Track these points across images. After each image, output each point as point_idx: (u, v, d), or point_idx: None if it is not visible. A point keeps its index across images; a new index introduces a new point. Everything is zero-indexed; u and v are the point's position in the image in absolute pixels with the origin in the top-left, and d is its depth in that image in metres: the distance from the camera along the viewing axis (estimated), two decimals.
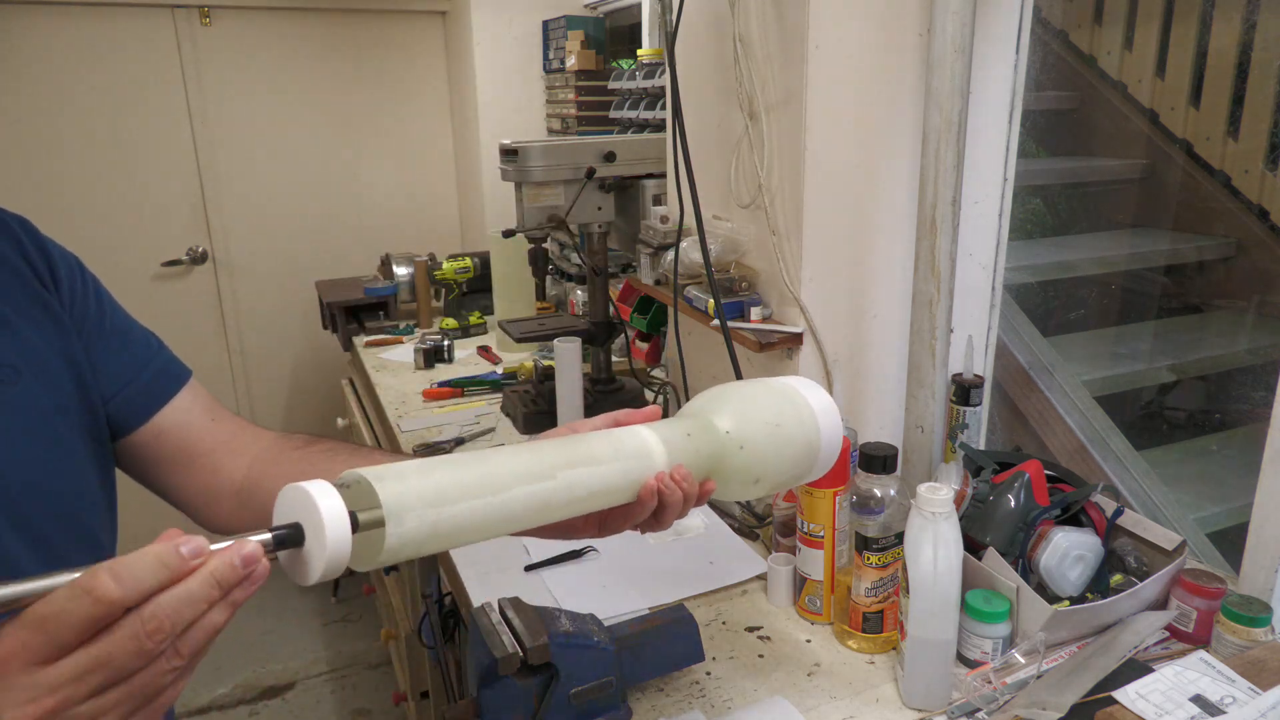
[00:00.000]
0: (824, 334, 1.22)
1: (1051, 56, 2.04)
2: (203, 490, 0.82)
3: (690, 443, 0.68)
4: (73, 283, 0.76)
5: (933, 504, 0.83)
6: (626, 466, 0.64)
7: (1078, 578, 0.97)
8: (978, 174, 1.22)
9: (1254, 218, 1.74)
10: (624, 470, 0.63)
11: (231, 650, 2.72)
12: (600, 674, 0.85)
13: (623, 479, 0.63)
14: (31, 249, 0.74)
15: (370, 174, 3.14)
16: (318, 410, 3.21)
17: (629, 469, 0.64)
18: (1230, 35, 1.76)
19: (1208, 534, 1.34)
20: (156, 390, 0.80)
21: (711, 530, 1.26)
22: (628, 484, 0.64)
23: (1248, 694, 0.80)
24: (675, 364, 1.60)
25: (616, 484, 0.63)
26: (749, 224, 1.30)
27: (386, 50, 3.07)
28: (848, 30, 1.11)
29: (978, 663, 0.91)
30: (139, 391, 0.79)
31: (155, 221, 2.87)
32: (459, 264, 2.48)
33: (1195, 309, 1.87)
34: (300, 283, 3.06)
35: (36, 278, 0.73)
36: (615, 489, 0.63)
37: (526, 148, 1.73)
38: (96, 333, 0.77)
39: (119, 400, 0.77)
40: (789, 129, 1.16)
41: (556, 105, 2.83)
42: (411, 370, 2.12)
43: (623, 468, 0.63)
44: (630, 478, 0.64)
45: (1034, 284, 1.74)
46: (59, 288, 0.74)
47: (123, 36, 2.69)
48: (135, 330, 0.82)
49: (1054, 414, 1.48)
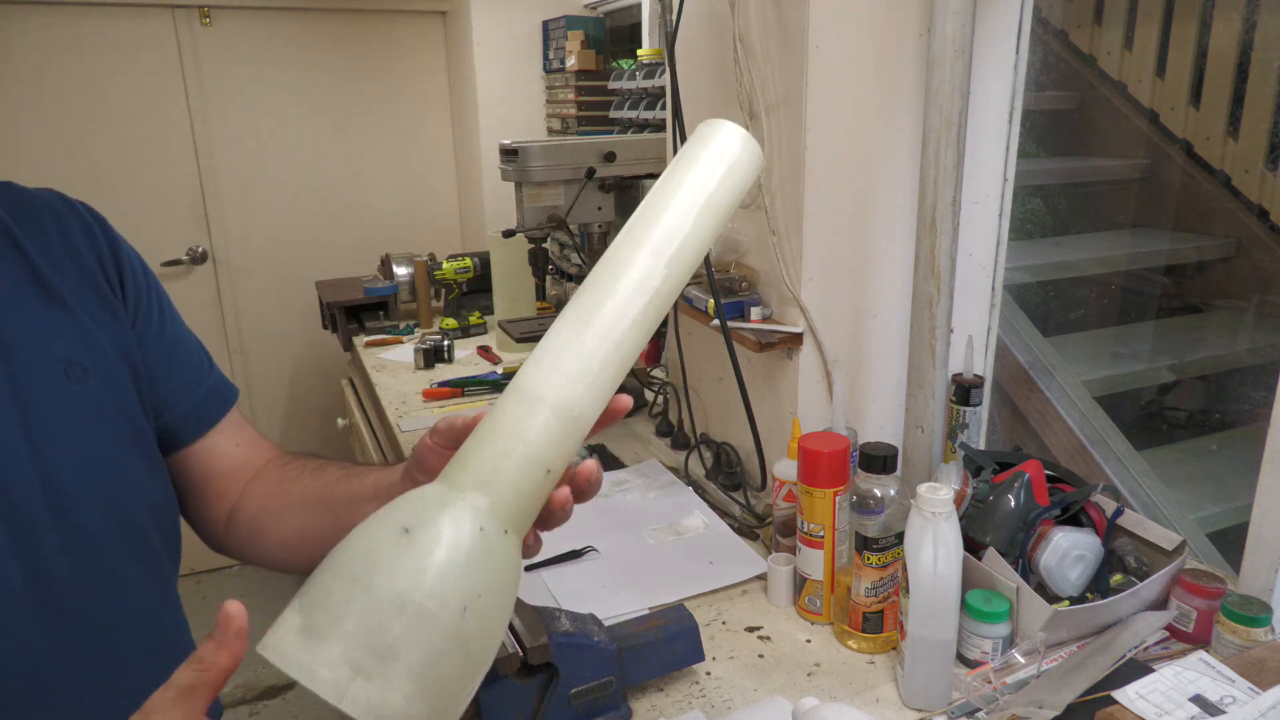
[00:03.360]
0: (824, 334, 1.22)
1: (1051, 56, 2.04)
2: (205, 513, 0.82)
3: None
4: (137, 286, 0.76)
5: (933, 504, 0.83)
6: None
7: (1078, 578, 0.97)
8: (978, 174, 1.22)
9: (1254, 218, 1.74)
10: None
11: None
12: (600, 674, 0.85)
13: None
14: (105, 247, 0.73)
15: (370, 174, 3.14)
16: (318, 410, 3.21)
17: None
18: (1230, 35, 1.76)
19: (1208, 534, 1.35)
20: (205, 413, 0.80)
21: (711, 530, 1.26)
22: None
23: (1248, 694, 0.80)
24: (675, 364, 1.60)
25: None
26: (749, 224, 1.30)
27: (386, 50, 3.07)
28: (848, 30, 1.11)
29: (978, 663, 0.91)
30: (189, 412, 0.78)
31: (155, 221, 2.87)
32: (459, 264, 2.48)
33: (1195, 309, 1.87)
34: (300, 283, 3.06)
35: (105, 278, 0.73)
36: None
37: (526, 148, 1.74)
38: (156, 343, 0.76)
39: (168, 418, 0.76)
40: (789, 129, 1.16)
41: (556, 105, 2.83)
42: (411, 370, 2.12)
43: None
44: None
45: (1034, 284, 1.74)
46: (124, 290, 0.74)
47: (123, 36, 2.69)
48: (188, 342, 0.81)
49: (1054, 414, 1.49)
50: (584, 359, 0.54)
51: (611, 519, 1.31)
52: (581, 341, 0.54)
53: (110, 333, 0.71)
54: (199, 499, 0.81)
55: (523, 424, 0.52)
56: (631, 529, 1.27)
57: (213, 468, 0.80)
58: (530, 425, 0.52)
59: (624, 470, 1.48)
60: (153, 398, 0.75)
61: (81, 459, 0.66)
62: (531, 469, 0.51)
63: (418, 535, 0.46)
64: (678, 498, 1.37)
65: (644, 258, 0.56)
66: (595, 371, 0.54)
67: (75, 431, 0.66)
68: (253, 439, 0.84)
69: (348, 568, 0.45)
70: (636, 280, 0.56)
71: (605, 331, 0.54)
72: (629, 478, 1.45)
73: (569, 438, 0.53)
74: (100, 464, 0.68)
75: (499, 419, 0.52)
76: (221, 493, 0.81)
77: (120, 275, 0.74)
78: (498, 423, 0.52)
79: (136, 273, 0.76)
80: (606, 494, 1.40)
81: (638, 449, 1.61)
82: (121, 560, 0.69)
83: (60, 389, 0.66)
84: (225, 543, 0.83)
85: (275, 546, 0.78)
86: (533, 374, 0.54)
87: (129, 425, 0.71)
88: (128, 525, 0.70)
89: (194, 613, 0.78)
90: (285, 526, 0.77)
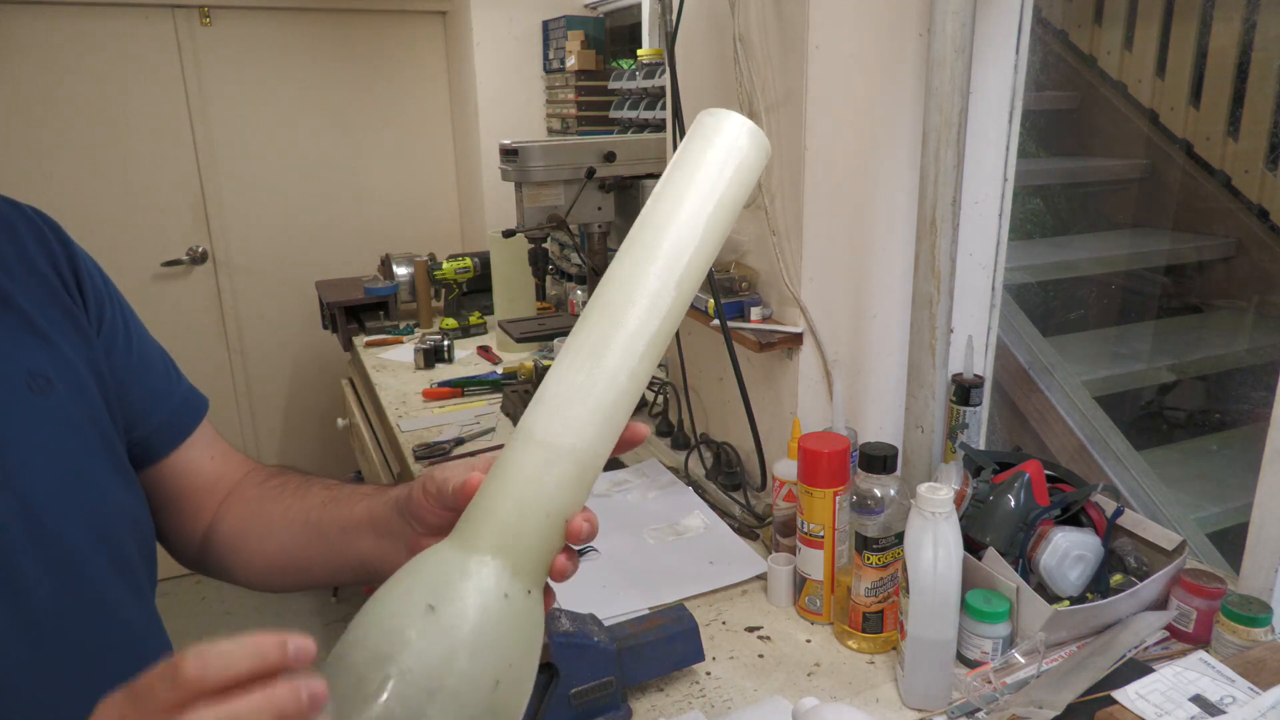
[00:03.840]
0: (824, 334, 1.22)
1: (1051, 56, 2.05)
2: (180, 530, 0.79)
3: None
4: (98, 294, 0.71)
5: (933, 504, 0.83)
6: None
7: (1078, 578, 0.97)
8: (978, 174, 1.22)
9: (1254, 218, 1.74)
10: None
11: None
12: (600, 674, 0.85)
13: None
14: (62, 258, 0.69)
15: (370, 174, 3.14)
16: (318, 410, 3.21)
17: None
18: (1230, 35, 1.76)
19: (1208, 534, 1.35)
20: (178, 425, 0.77)
21: (711, 530, 1.26)
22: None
23: (1247, 694, 0.80)
24: (675, 364, 1.60)
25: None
26: (749, 224, 1.30)
27: (386, 50, 3.07)
28: (848, 30, 1.11)
29: (978, 663, 0.91)
30: (161, 424, 0.75)
31: (155, 221, 2.87)
32: (459, 264, 2.48)
33: (1195, 309, 1.88)
34: (300, 283, 3.06)
35: (63, 286, 0.68)
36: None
37: (526, 148, 1.74)
38: (124, 353, 0.72)
39: (140, 431, 0.73)
40: (789, 129, 1.16)
41: (556, 105, 2.84)
42: (411, 370, 2.12)
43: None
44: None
45: (1034, 284, 1.74)
46: (85, 298, 0.70)
47: (123, 36, 2.70)
48: (155, 351, 0.77)
49: (1054, 414, 1.49)
50: (598, 400, 0.51)
51: (611, 519, 1.31)
52: (594, 381, 0.51)
53: (73, 342, 0.67)
54: (173, 515, 0.78)
55: (540, 477, 0.50)
56: (631, 529, 1.27)
57: (187, 483, 0.77)
58: (548, 478, 0.50)
59: (624, 470, 1.48)
60: (123, 410, 0.71)
61: (56, 476, 0.62)
62: (551, 523, 0.50)
63: (444, 612, 0.45)
64: (678, 498, 1.37)
65: (653, 279, 0.53)
66: (609, 410, 0.52)
67: (45, 447, 0.62)
68: (226, 452, 0.81)
69: (373, 646, 0.44)
70: (646, 307, 0.53)
71: (618, 368, 0.52)
72: (629, 478, 1.45)
73: (586, 484, 0.52)
74: (76, 480, 0.64)
75: (514, 471, 0.50)
76: (197, 509, 0.78)
77: (79, 282, 0.69)
78: (513, 475, 0.50)
79: (95, 280, 0.72)
80: (606, 494, 1.40)
81: (638, 449, 1.61)
82: (105, 582, 0.65)
83: (23, 402, 0.62)
84: (202, 561, 0.80)
85: (258, 567, 0.76)
86: (546, 421, 0.51)
87: (100, 439, 0.67)
88: (110, 544, 0.66)
89: (194, 613, 0.77)
90: (268, 547, 0.75)
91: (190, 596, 2.93)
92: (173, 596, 2.98)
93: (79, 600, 0.63)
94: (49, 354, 0.64)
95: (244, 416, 3.16)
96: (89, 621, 0.64)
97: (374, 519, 0.67)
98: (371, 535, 0.68)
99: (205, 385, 0.86)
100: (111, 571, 0.66)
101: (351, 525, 0.69)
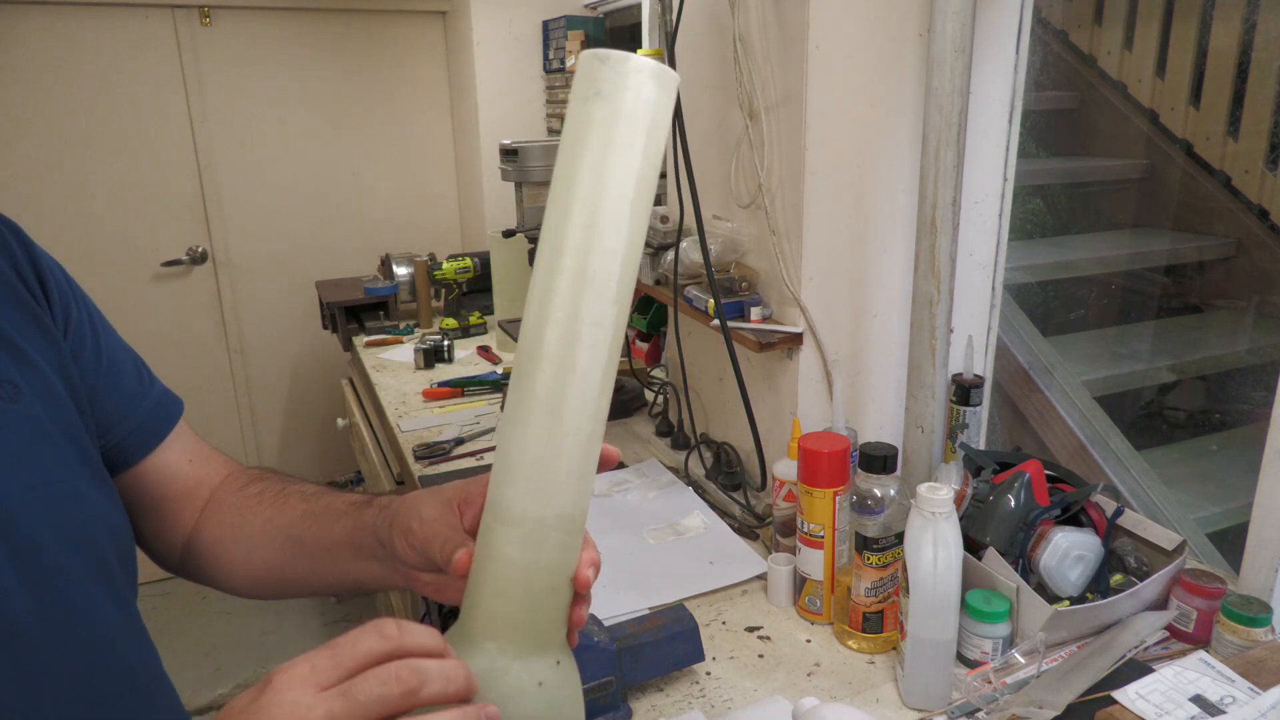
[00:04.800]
0: (824, 334, 1.22)
1: (1051, 56, 2.04)
2: (161, 536, 0.77)
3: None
4: (63, 295, 0.69)
5: (933, 504, 0.83)
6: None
7: (1078, 578, 0.97)
8: (978, 174, 1.22)
9: (1254, 218, 1.74)
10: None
11: (232, 650, 2.72)
12: (600, 674, 0.85)
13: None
14: (23, 259, 0.67)
15: (370, 174, 3.14)
16: (318, 410, 3.21)
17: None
18: (1230, 35, 1.76)
19: (1208, 534, 1.34)
20: (152, 427, 0.75)
21: (711, 530, 1.26)
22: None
23: (1248, 694, 0.80)
24: (675, 364, 1.60)
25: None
26: (749, 224, 1.30)
27: (386, 50, 3.07)
28: (848, 30, 1.11)
29: (978, 663, 0.91)
30: (136, 427, 0.73)
31: (155, 221, 2.87)
32: (459, 264, 2.48)
33: (1195, 309, 1.87)
34: (300, 283, 3.06)
35: (29, 291, 0.66)
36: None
37: (526, 148, 1.74)
38: (93, 357, 0.70)
39: (114, 435, 0.72)
40: (789, 129, 1.16)
41: (556, 105, 2.83)
42: (411, 370, 2.12)
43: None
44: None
45: (1034, 284, 1.74)
46: (49, 300, 0.68)
47: (123, 36, 2.69)
48: (125, 354, 0.75)
49: (1054, 414, 1.49)
50: (569, 459, 0.49)
51: (611, 519, 1.31)
52: (558, 441, 0.48)
53: (39, 347, 0.64)
54: (153, 520, 0.76)
55: (534, 559, 0.49)
56: (631, 529, 1.27)
57: (166, 487, 0.76)
58: (541, 557, 0.49)
59: (624, 470, 1.48)
60: (95, 414, 0.69)
61: (30, 485, 0.60)
62: (557, 593, 0.50)
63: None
64: (678, 498, 1.37)
65: (590, 305, 0.48)
66: (582, 464, 0.49)
67: (17, 455, 0.60)
68: (205, 454, 0.80)
69: None
70: (590, 341, 0.48)
71: (579, 419, 0.49)
72: (629, 478, 1.45)
73: (579, 536, 0.51)
74: (49, 487, 0.62)
75: (506, 560, 0.49)
76: (177, 513, 0.77)
77: (43, 284, 0.67)
78: (507, 564, 0.49)
79: (59, 281, 0.69)
80: (606, 494, 1.40)
81: (638, 449, 1.61)
82: (84, 589, 0.63)
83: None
84: (184, 568, 0.79)
85: (241, 576, 0.76)
86: (524, 499, 0.49)
87: (74, 445, 0.65)
88: (87, 551, 0.64)
89: (193, 613, 0.77)
90: (252, 560, 0.74)
91: (190, 596, 2.93)
92: (172, 596, 2.98)
93: (57, 608, 0.61)
94: (14, 360, 0.62)
95: (244, 416, 3.16)
96: (68, 629, 0.62)
97: (356, 545, 0.67)
98: (357, 559, 0.68)
99: (205, 385, 0.85)
100: (90, 579, 0.64)
101: (334, 546, 0.69)
